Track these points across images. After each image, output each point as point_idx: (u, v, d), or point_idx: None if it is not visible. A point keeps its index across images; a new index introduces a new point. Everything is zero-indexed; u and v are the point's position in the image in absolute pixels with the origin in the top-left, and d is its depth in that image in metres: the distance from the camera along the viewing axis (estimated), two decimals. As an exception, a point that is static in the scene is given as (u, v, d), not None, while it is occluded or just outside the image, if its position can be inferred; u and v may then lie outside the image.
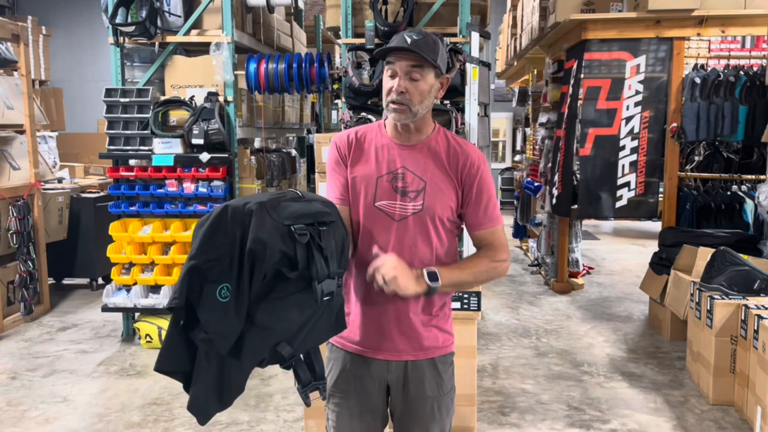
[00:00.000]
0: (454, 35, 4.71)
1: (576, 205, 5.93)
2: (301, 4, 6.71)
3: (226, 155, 4.67)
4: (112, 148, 4.79)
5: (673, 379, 4.25)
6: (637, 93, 5.52)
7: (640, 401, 3.92)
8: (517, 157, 10.38)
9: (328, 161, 1.93)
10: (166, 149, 4.65)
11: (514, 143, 12.39)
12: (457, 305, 3.18)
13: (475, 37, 4.48)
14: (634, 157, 5.57)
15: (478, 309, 3.23)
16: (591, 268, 7.34)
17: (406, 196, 1.82)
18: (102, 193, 6.50)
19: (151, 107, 4.68)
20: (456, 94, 4.51)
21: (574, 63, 5.76)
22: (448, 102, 4.56)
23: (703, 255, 4.50)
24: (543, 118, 6.81)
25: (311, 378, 1.67)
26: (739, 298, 3.86)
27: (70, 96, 10.57)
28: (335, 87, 4.89)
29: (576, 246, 6.73)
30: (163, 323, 4.71)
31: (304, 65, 4.73)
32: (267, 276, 1.53)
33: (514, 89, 9.70)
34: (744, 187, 5.84)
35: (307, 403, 1.68)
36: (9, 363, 4.53)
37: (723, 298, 3.87)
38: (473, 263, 1.87)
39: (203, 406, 1.56)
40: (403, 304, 1.84)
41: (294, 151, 6.46)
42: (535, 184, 7.18)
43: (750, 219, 5.52)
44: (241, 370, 1.58)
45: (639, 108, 5.52)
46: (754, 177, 5.71)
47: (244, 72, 4.77)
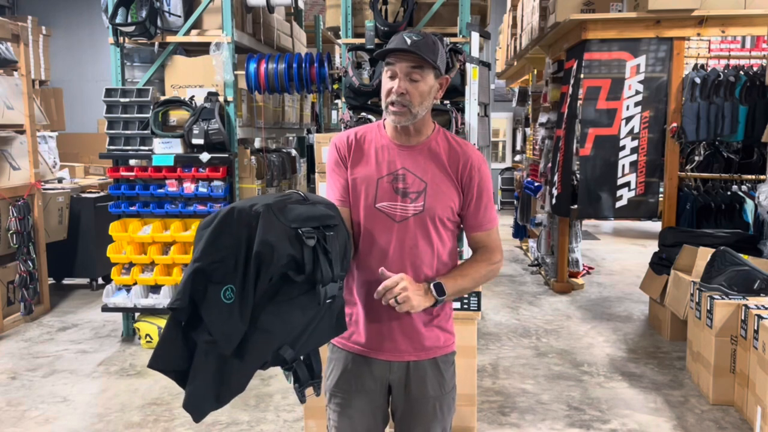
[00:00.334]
0: (454, 35, 4.71)
1: (576, 205, 5.94)
2: (301, 4, 6.71)
3: (226, 155, 4.68)
4: (112, 148, 4.79)
5: (673, 379, 4.25)
6: (637, 93, 5.52)
7: (640, 401, 3.92)
8: (517, 157, 10.39)
9: (328, 162, 1.93)
10: (166, 149, 4.65)
11: (514, 143, 12.39)
12: (457, 305, 3.18)
13: (475, 37, 4.48)
14: (634, 157, 5.57)
15: (478, 309, 3.23)
16: (591, 268, 7.34)
17: (407, 197, 1.82)
18: (102, 193, 6.50)
19: (151, 107, 4.68)
20: (456, 94, 4.51)
21: (574, 63, 5.76)
22: (448, 102, 4.56)
23: (703, 255, 4.50)
24: (543, 118, 6.81)
25: (309, 377, 1.67)
26: (739, 298, 3.86)
27: (70, 96, 10.57)
28: (335, 87, 4.89)
29: (576, 246, 6.73)
30: (163, 323, 4.70)
31: (304, 65, 4.73)
32: (273, 278, 1.52)
33: (514, 89, 9.70)
34: (744, 187, 5.84)
35: (303, 400, 1.69)
36: (9, 363, 4.54)
37: (723, 298, 3.87)
38: (473, 269, 1.88)
39: (199, 404, 1.55)
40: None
41: (294, 151, 6.46)
42: (535, 184, 7.18)
43: (750, 219, 5.52)
44: (244, 372, 1.57)
45: (639, 108, 5.53)
46: (754, 177, 5.71)
47: (244, 72, 4.77)
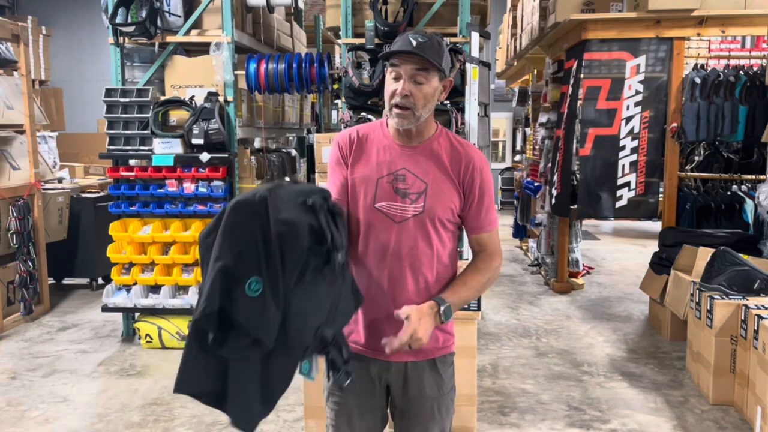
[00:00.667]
0: (454, 35, 4.71)
1: (575, 205, 5.94)
2: (301, 4, 6.71)
3: (226, 155, 4.68)
4: (112, 148, 4.79)
5: (673, 379, 4.25)
6: (637, 93, 5.52)
7: (640, 401, 3.92)
8: (517, 157, 10.39)
9: (330, 159, 1.93)
10: (166, 149, 4.65)
11: (514, 143, 12.39)
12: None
13: (475, 37, 4.48)
14: (634, 157, 5.57)
15: (478, 309, 3.24)
16: (591, 268, 7.34)
17: (407, 197, 1.81)
18: (102, 193, 6.49)
19: (151, 107, 4.68)
20: (456, 94, 4.51)
21: (574, 63, 5.76)
22: (448, 102, 4.56)
23: (703, 255, 4.50)
24: (543, 118, 6.81)
25: (343, 361, 1.67)
26: (739, 298, 3.86)
27: (70, 96, 10.57)
28: (335, 87, 4.89)
29: (576, 246, 6.73)
30: (163, 323, 4.71)
31: (304, 65, 4.73)
32: (300, 257, 1.51)
33: (514, 89, 9.70)
34: (744, 187, 5.84)
35: (346, 379, 1.69)
36: (9, 363, 4.53)
37: (723, 298, 3.87)
38: (476, 279, 1.87)
39: (249, 417, 1.52)
40: (402, 304, 1.83)
41: (294, 151, 6.46)
42: (535, 184, 7.18)
43: (750, 219, 5.52)
44: (287, 366, 1.56)
45: (639, 108, 5.52)
46: (754, 177, 5.70)
47: (244, 72, 4.77)
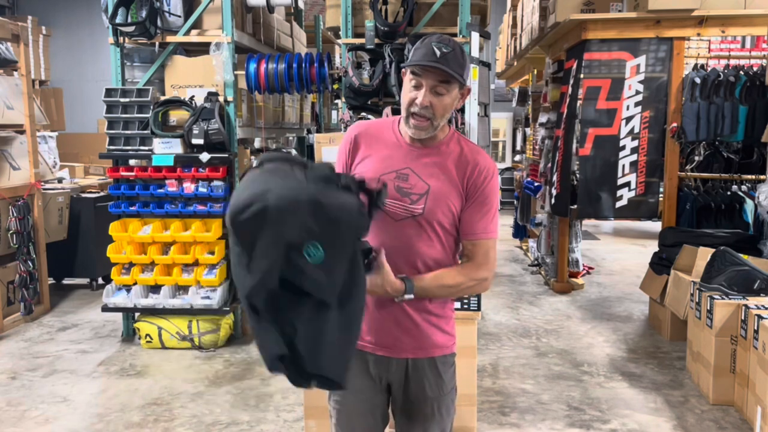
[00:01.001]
0: (454, 35, 4.71)
1: (575, 205, 5.94)
2: (301, 4, 6.71)
3: (226, 155, 4.67)
4: (112, 148, 4.79)
5: (673, 379, 4.25)
6: (637, 93, 5.52)
7: (640, 401, 3.92)
8: (517, 157, 10.38)
9: (342, 147, 1.95)
10: (166, 149, 4.65)
11: (514, 143, 12.39)
12: (457, 305, 3.18)
13: (475, 37, 4.48)
14: (634, 157, 5.57)
15: (478, 309, 3.23)
16: (591, 268, 7.34)
17: (408, 197, 1.81)
18: (102, 193, 6.49)
19: (151, 107, 4.68)
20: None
21: (574, 63, 5.76)
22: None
23: (703, 255, 4.50)
24: (543, 118, 6.81)
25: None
26: (739, 298, 3.86)
27: (70, 96, 10.57)
28: (335, 87, 4.89)
29: (576, 246, 6.72)
30: (163, 323, 4.71)
31: (304, 65, 4.73)
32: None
33: (514, 89, 9.70)
34: (744, 187, 5.83)
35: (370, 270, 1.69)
36: (9, 363, 4.53)
37: (723, 298, 3.87)
38: (447, 276, 1.83)
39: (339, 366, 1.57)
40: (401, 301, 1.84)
41: (294, 151, 6.46)
42: (535, 184, 7.18)
43: (750, 219, 5.52)
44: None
45: (639, 108, 5.52)
46: (754, 177, 5.70)
47: (244, 72, 4.77)
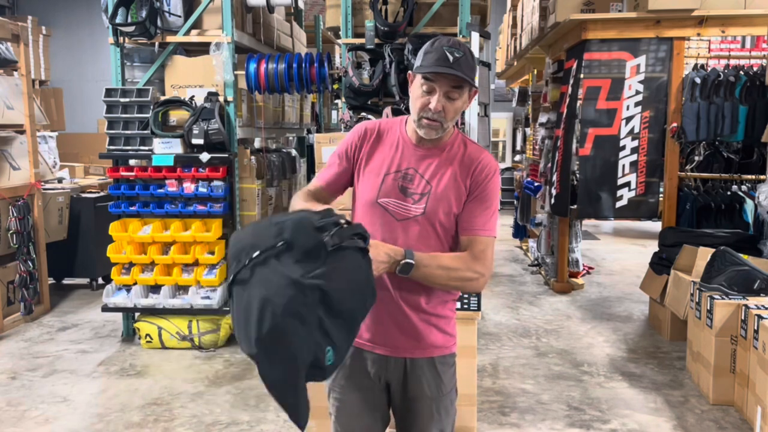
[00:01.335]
0: (454, 35, 4.71)
1: (574, 205, 5.94)
2: (301, 4, 6.71)
3: (226, 155, 4.67)
4: (112, 148, 4.79)
5: (673, 379, 4.25)
6: (637, 93, 5.52)
7: (640, 401, 3.92)
8: (517, 157, 10.38)
9: (348, 138, 1.93)
10: (166, 149, 4.65)
11: (514, 143, 12.39)
12: (457, 305, 3.17)
13: (475, 37, 4.48)
14: (634, 157, 5.57)
15: (478, 309, 3.23)
16: (591, 268, 7.34)
17: (410, 197, 1.82)
18: (102, 193, 6.49)
19: (151, 107, 4.68)
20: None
21: (574, 63, 5.76)
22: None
23: (703, 255, 4.50)
24: (543, 118, 6.81)
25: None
26: (739, 298, 3.86)
27: (70, 96, 10.57)
28: (335, 87, 4.89)
29: (576, 246, 6.72)
30: (163, 323, 4.71)
31: (304, 65, 4.73)
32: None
33: (514, 89, 9.70)
34: (744, 187, 5.83)
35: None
36: (9, 363, 4.53)
37: (723, 298, 3.87)
38: (449, 259, 1.78)
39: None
40: (401, 299, 1.84)
41: (294, 151, 6.46)
42: (535, 184, 7.18)
43: (750, 219, 5.52)
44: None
45: (639, 108, 5.52)
46: (754, 177, 5.70)
47: (244, 72, 4.77)
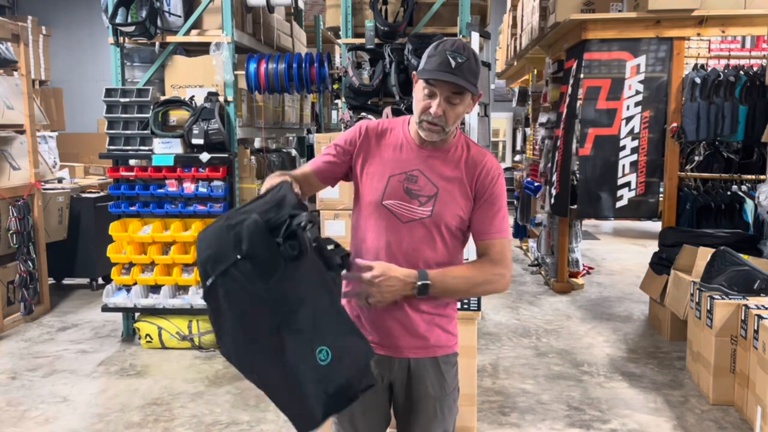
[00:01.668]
0: (454, 35, 4.70)
1: (574, 205, 5.93)
2: (301, 4, 6.71)
3: (226, 155, 4.67)
4: (112, 148, 4.79)
5: (673, 379, 4.25)
6: (638, 93, 5.52)
7: (640, 401, 3.92)
8: (517, 157, 10.37)
9: (349, 134, 1.92)
10: (166, 149, 4.65)
11: (514, 143, 12.37)
12: (457, 305, 3.17)
13: (475, 37, 4.48)
14: (634, 157, 5.57)
15: (478, 309, 3.24)
16: (591, 268, 7.34)
17: (416, 199, 1.81)
18: (102, 193, 6.49)
19: (151, 107, 4.68)
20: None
21: (573, 63, 5.76)
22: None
23: (703, 255, 4.50)
24: (543, 118, 6.81)
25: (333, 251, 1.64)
26: (739, 298, 3.86)
27: (70, 96, 10.57)
28: (335, 87, 4.89)
29: (576, 246, 6.72)
30: (163, 323, 4.71)
31: (304, 65, 4.73)
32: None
33: (514, 89, 9.70)
34: (744, 187, 5.84)
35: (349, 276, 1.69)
36: (9, 363, 4.53)
37: (723, 298, 3.87)
38: (467, 272, 1.81)
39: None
40: (403, 300, 1.83)
41: (294, 151, 6.46)
42: (535, 184, 7.18)
43: (750, 219, 5.52)
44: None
45: (639, 108, 5.52)
46: (754, 177, 5.71)
47: (244, 72, 4.76)
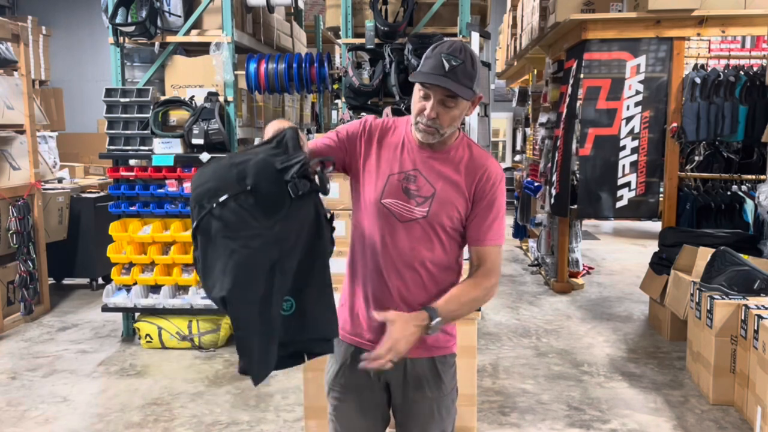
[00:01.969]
0: (454, 35, 4.70)
1: (574, 205, 5.93)
2: (301, 4, 6.71)
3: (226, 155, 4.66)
4: (112, 148, 4.79)
5: (673, 379, 4.25)
6: (638, 93, 5.52)
7: (640, 401, 3.92)
8: (517, 157, 10.38)
9: (351, 126, 1.91)
10: (166, 149, 4.65)
11: (514, 143, 12.38)
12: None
13: (475, 37, 4.48)
14: (634, 157, 5.57)
15: (478, 309, 3.24)
16: (591, 268, 7.34)
17: (413, 199, 1.81)
18: (102, 193, 6.49)
19: (151, 107, 4.68)
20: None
21: (573, 63, 5.76)
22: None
23: (703, 255, 4.50)
24: (543, 118, 6.81)
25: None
26: (739, 298, 3.86)
27: (70, 96, 10.57)
28: (335, 87, 4.89)
29: (576, 246, 6.72)
30: (163, 323, 4.71)
31: (304, 65, 4.73)
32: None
33: (514, 89, 9.70)
34: (744, 187, 5.84)
35: (324, 190, 1.65)
36: (9, 363, 4.53)
37: (723, 298, 3.87)
38: (470, 294, 1.82)
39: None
40: (401, 300, 1.83)
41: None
42: (535, 184, 7.18)
43: (750, 219, 5.52)
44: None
45: (639, 108, 5.52)
46: (754, 177, 5.71)
47: (244, 72, 4.77)
